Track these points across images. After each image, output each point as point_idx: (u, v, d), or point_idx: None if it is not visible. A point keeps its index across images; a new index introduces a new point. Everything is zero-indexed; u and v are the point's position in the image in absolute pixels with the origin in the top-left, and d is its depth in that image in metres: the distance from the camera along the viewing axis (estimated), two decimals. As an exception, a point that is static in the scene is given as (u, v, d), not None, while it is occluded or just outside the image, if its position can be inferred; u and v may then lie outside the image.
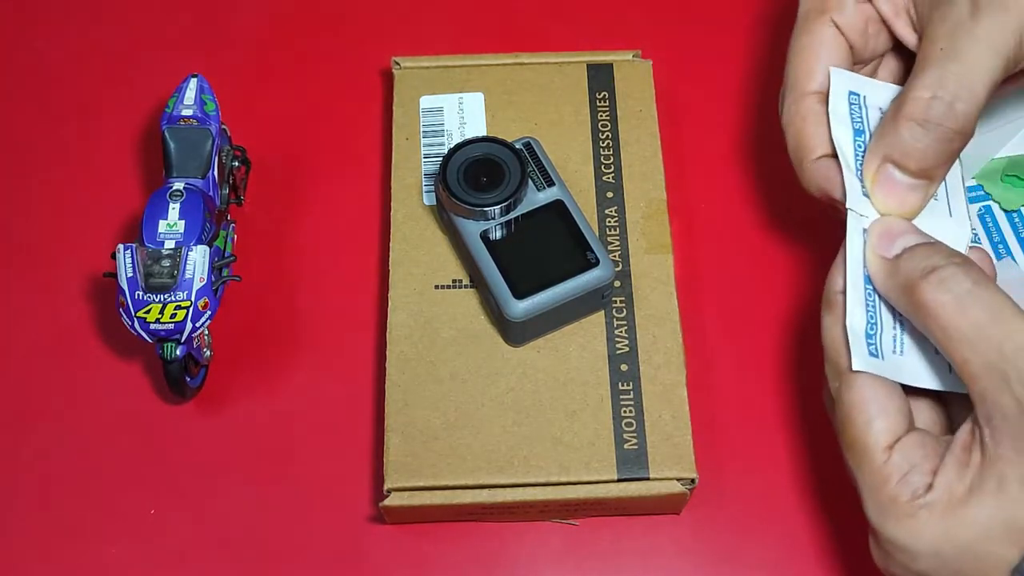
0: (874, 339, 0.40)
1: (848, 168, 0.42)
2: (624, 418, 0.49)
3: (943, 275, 0.37)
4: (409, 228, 0.54)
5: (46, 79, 0.63)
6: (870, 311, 0.40)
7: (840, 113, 0.43)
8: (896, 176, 0.41)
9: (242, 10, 0.65)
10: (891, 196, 0.41)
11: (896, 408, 0.38)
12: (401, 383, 0.50)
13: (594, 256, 0.49)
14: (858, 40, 0.45)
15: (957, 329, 0.36)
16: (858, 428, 0.38)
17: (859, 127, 0.43)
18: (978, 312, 0.36)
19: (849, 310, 0.40)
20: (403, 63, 0.58)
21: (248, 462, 0.52)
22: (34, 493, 0.52)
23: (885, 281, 0.39)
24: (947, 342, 0.36)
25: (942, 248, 0.39)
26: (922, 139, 0.40)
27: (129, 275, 0.48)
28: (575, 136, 0.56)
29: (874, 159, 0.41)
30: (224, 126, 0.56)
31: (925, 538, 0.36)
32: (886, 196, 0.41)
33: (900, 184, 0.41)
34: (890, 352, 0.40)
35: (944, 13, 0.40)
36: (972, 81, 0.39)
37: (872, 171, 0.41)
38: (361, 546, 0.51)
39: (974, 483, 0.36)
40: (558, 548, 0.51)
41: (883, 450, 0.38)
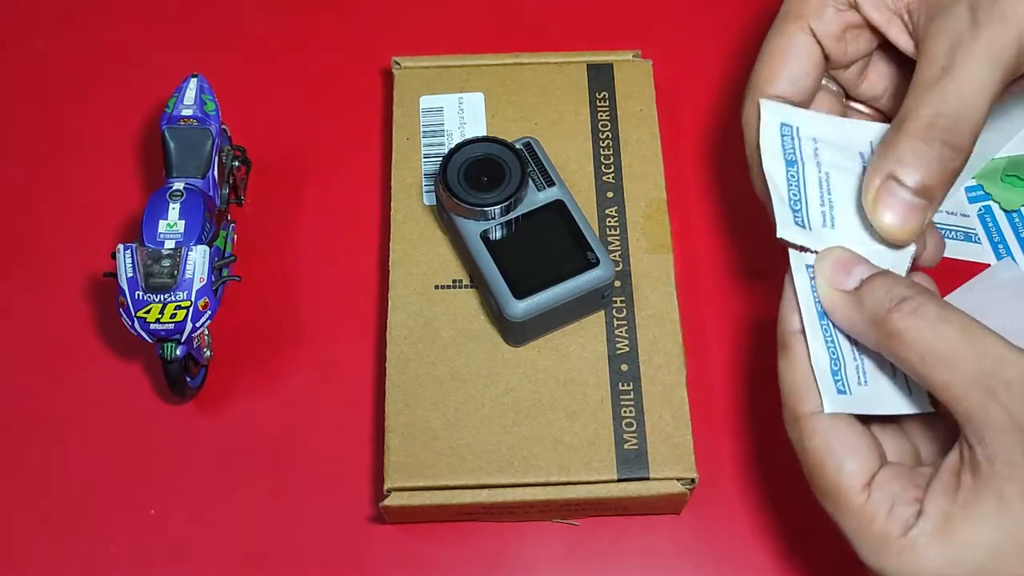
0: (839, 375, 0.39)
1: (780, 200, 0.42)
2: (624, 418, 0.49)
3: (912, 305, 0.36)
4: (409, 228, 0.54)
5: (46, 79, 0.63)
6: (830, 347, 0.40)
7: (771, 146, 0.43)
8: (899, 193, 0.40)
9: (242, 10, 0.65)
10: (893, 213, 0.40)
11: (864, 445, 0.38)
12: (401, 383, 0.50)
13: (594, 256, 0.49)
14: (834, 47, 0.45)
15: (933, 353, 0.35)
16: (829, 475, 0.37)
17: (791, 158, 0.43)
18: (952, 333, 0.35)
19: (812, 350, 0.39)
20: (403, 63, 0.58)
21: (248, 462, 0.52)
22: (34, 493, 0.52)
23: (849, 315, 0.39)
24: (925, 367, 0.36)
25: (898, 278, 0.39)
26: (925, 156, 0.39)
27: (129, 275, 0.48)
28: (575, 136, 0.56)
29: (876, 176, 0.40)
30: (224, 126, 0.56)
31: (930, 566, 0.35)
32: (888, 213, 0.40)
33: (902, 202, 0.40)
34: (856, 384, 0.39)
35: (942, 25, 0.40)
36: (974, 99, 0.39)
37: (875, 188, 0.40)
38: (361, 546, 0.51)
39: (969, 503, 0.35)
40: (558, 548, 0.51)
41: (860, 490, 0.37)
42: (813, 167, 0.43)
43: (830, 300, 0.40)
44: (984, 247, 0.57)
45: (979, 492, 0.35)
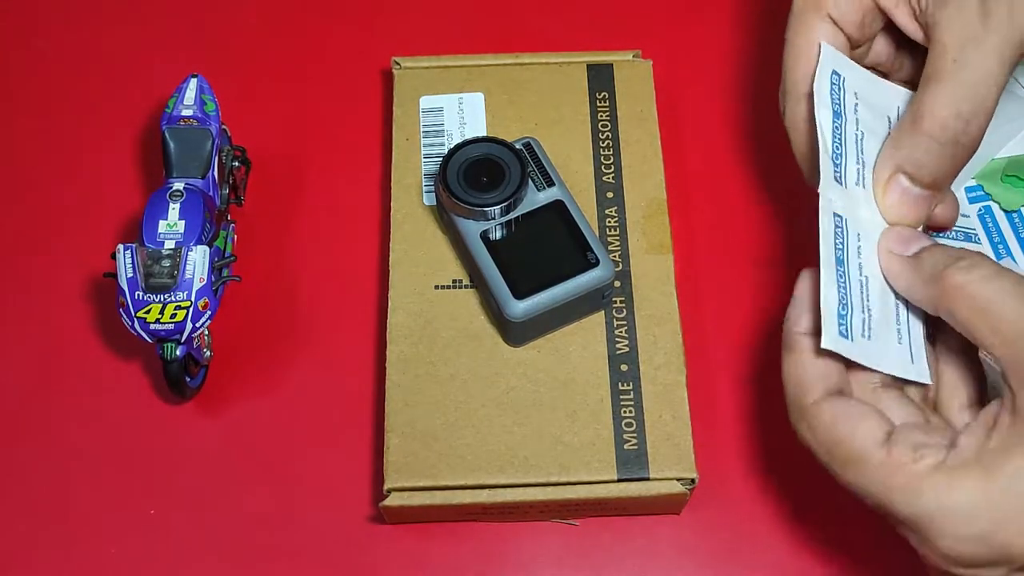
0: (845, 319, 0.40)
1: (824, 150, 0.42)
2: (624, 418, 0.49)
3: (971, 262, 0.38)
4: (409, 228, 0.54)
5: (46, 79, 0.63)
6: (842, 291, 0.40)
7: (823, 94, 0.43)
8: (906, 186, 0.42)
9: (242, 10, 0.65)
10: (901, 206, 0.42)
11: (872, 412, 0.38)
12: (401, 383, 0.50)
13: (594, 256, 0.49)
14: (855, 32, 0.45)
15: (988, 303, 0.37)
16: (844, 443, 0.38)
17: (837, 109, 0.43)
18: (1007, 286, 0.37)
19: (824, 290, 0.40)
20: (403, 63, 0.58)
21: (248, 462, 0.52)
22: (34, 493, 0.52)
23: (909, 276, 0.40)
24: (977, 317, 0.37)
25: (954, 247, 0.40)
26: (937, 154, 0.41)
27: (129, 275, 0.48)
28: (575, 136, 0.56)
29: (886, 169, 0.42)
30: (224, 126, 0.56)
31: (972, 493, 0.35)
32: (896, 205, 0.43)
33: (910, 194, 0.42)
34: (859, 334, 0.40)
35: (952, 16, 0.41)
36: (986, 96, 0.41)
37: (884, 179, 0.43)
38: (361, 546, 0.51)
39: (1007, 440, 0.35)
40: (558, 548, 0.51)
41: (881, 445, 0.37)
42: (853, 123, 0.43)
43: (890, 264, 0.41)
44: (984, 247, 0.57)
45: (1018, 429, 0.35)
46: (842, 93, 0.43)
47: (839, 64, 0.44)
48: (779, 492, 0.51)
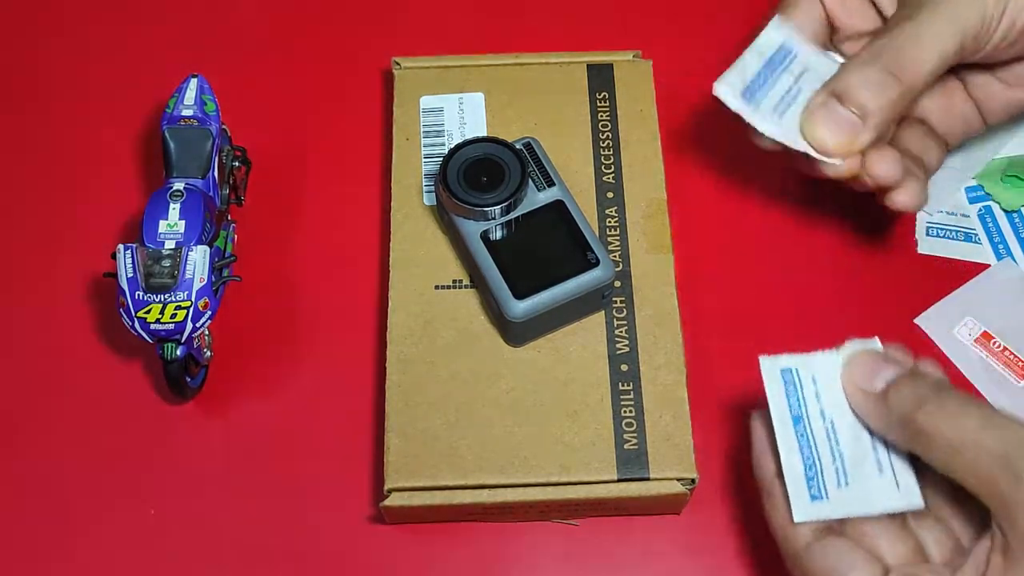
0: (815, 480, 0.40)
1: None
2: (624, 418, 0.49)
3: (936, 404, 0.38)
4: (409, 228, 0.54)
5: (46, 79, 0.63)
6: (805, 451, 0.41)
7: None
8: (837, 109, 0.44)
9: (242, 10, 0.65)
10: (826, 127, 0.44)
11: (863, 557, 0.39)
12: (401, 383, 0.50)
13: (594, 256, 0.49)
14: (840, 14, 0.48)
15: (960, 444, 0.37)
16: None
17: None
18: (973, 424, 0.37)
19: (784, 457, 0.40)
20: (403, 63, 0.58)
21: (248, 462, 0.52)
22: (34, 493, 0.52)
23: (879, 416, 0.40)
24: (952, 458, 0.37)
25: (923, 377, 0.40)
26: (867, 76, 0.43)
27: (129, 275, 0.48)
28: (575, 136, 0.56)
29: (820, 95, 0.45)
30: (224, 126, 0.56)
31: None
32: (821, 126, 0.45)
33: (839, 117, 0.44)
34: (835, 488, 0.40)
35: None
36: (927, 46, 0.43)
37: (815, 104, 0.45)
38: (361, 546, 0.51)
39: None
40: (558, 548, 0.51)
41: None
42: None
43: (858, 400, 0.41)
44: (984, 247, 0.57)
45: (1008, 572, 0.35)
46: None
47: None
48: (779, 492, 0.51)
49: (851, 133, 0.44)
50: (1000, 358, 0.53)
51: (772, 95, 0.47)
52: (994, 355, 0.53)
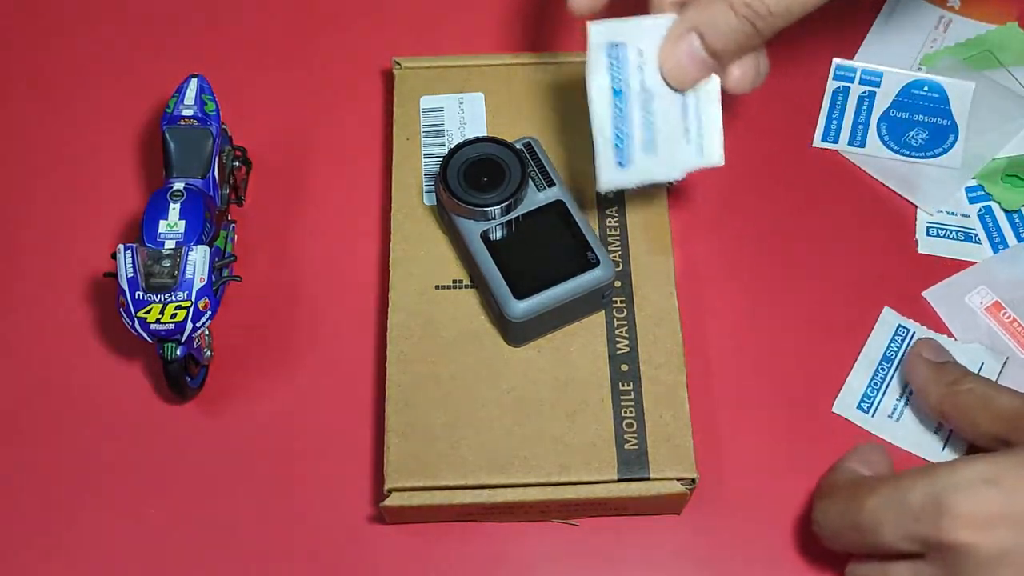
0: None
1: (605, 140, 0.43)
2: (624, 418, 0.49)
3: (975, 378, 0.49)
4: (409, 228, 0.54)
5: (46, 79, 0.63)
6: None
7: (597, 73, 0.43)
8: (696, 46, 0.44)
9: (242, 10, 0.65)
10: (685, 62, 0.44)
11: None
12: (401, 383, 0.50)
13: (594, 256, 0.49)
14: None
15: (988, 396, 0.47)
16: None
17: (617, 86, 0.43)
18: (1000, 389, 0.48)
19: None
20: (403, 63, 0.58)
21: (248, 462, 0.52)
22: (34, 493, 0.52)
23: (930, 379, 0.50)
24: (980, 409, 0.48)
25: None
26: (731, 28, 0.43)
27: (129, 275, 0.48)
28: (575, 136, 0.56)
29: (683, 24, 0.44)
30: (224, 126, 0.56)
31: None
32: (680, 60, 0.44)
33: (695, 56, 0.44)
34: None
35: None
36: None
37: (676, 34, 0.44)
38: (361, 546, 0.51)
39: None
40: (558, 548, 0.51)
41: None
42: (638, 90, 0.43)
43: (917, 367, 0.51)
44: (984, 247, 0.57)
45: None
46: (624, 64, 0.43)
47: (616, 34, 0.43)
48: (779, 492, 0.51)
49: (704, 73, 0.45)
50: (1008, 328, 0.54)
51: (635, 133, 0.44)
52: (1002, 324, 0.54)
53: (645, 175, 0.43)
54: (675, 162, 0.44)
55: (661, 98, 0.44)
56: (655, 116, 0.43)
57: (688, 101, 0.44)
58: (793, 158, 0.60)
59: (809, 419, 0.53)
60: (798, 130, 0.60)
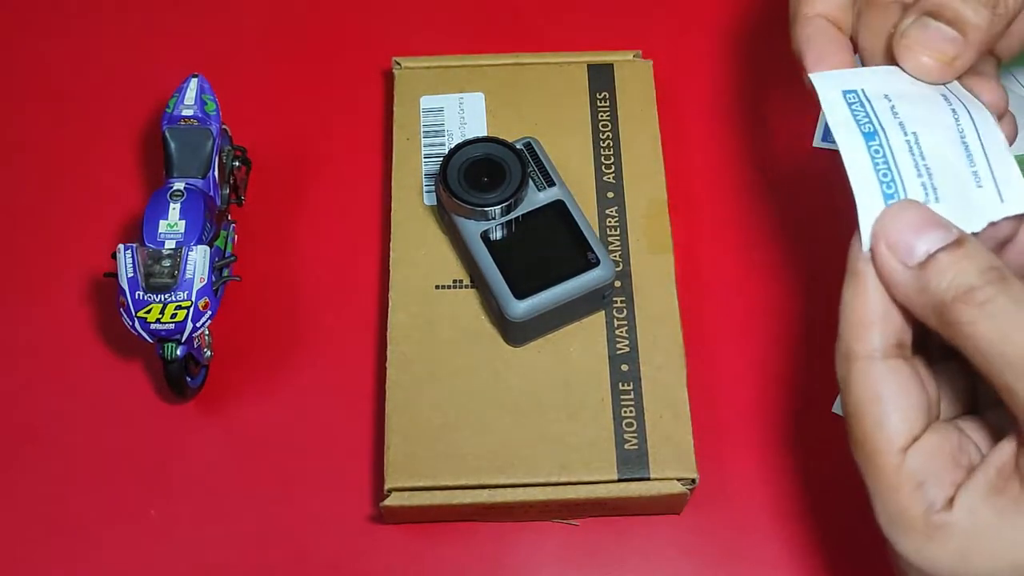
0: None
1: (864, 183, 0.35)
2: (624, 418, 0.49)
3: (980, 298, 0.32)
4: (409, 228, 0.54)
5: (46, 79, 0.63)
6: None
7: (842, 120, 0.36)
8: (931, 24, 0.38)
9: (242, 10, 0.65)
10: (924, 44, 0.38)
11: (914, 403, 0.34)
12: (401, 383, 0.50)
13: (595, 256, 0.49)
14: None
15: (1002, 356, 0.32)
16: (868, 425, 0.34)
17: (868, 129, 0.36)
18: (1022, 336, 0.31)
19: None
20: (403, 63, 0.58)
21: (248, 462, 0.52)
22: (34, 493, 0.52)
23: (909, 294, 0.34)
24: (989, 368, 0.32)
25: (972, 257, 0.33)
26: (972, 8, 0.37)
27: (129, 275, 0.48)
28: (576, 136, 0.56)
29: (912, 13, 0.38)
30: (225, 126, 0.56)
31: (941, 561, 0.33)
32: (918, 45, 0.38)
33: (936, 32, 0.38)
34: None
35: None
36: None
37: (907, 23, 0.38)
38: (361, 546, 0.51)
39: (1007, 513, 0.32)
40: (558, 548, 0.51)
41: (896, 452, 0.33)
42: (897, 131, 0.36)
43: (889, 271, 0.34)
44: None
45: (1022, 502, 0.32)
46: (868, 107, 0.36)
47: (846, 81, 0.37)
48: (779, 492, 0.51)
49: (953, 52, 0.38)
50: None
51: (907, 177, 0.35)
52: None
53: None
54: (970, 211, 0.34)
55: (930, 134, 0.36)
56: (929, 159, 0.35)
57: (968, 137, 0.36)
58: (793, 158, 0.60)
59: (809, 419, 0.53)
60: (798, 130, 0.60)
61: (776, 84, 0.62)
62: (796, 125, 0.60)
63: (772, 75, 0.62)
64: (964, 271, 0.33)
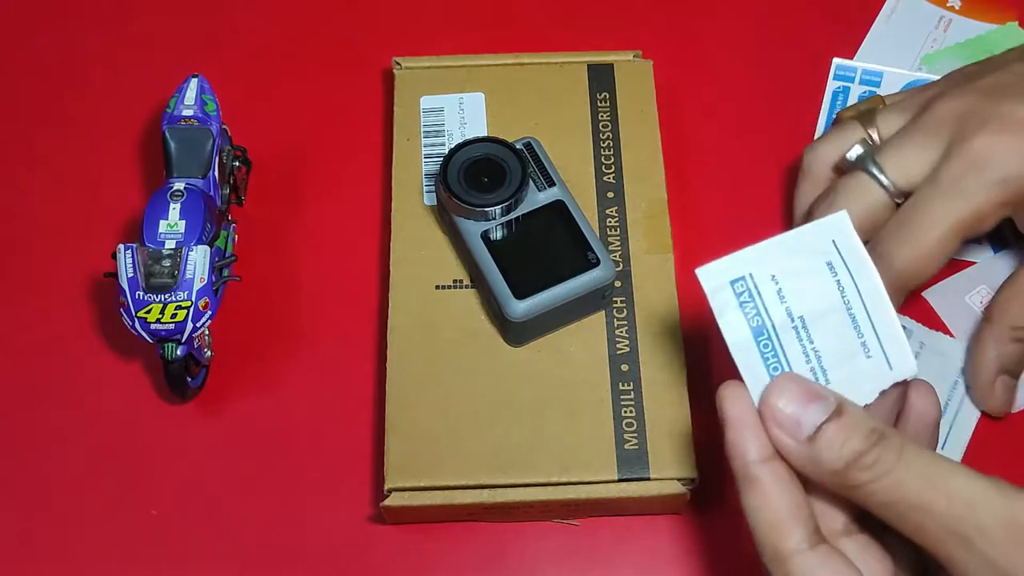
0: None
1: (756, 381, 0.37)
2: (624, 418, 0.49)
3: (868, 461, 0.35)
4: (409, 228, 0.54)
5: (46, 79, 0.63)
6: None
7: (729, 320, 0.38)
8: (1009, 383, 0.50)
9: (243, 10, 0.65)
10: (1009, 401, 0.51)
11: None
12: (401, 383, 0.50)
13: (595, 256, 0.49)
14: None
15: (902, 502, 0.34)
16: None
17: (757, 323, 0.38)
18: (916, 483, 0.34)
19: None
20: (403, 63, 0.58)
21: (248, 462, 0.52)
22: (34, 493, 0.52)
23: (808, 468, 0.36)
24: (894, 517, 0.35)
25: (855, 423, 0.36)
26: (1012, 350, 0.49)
27: (130, 275, 0.48)
28: (576, 136, 0.56)
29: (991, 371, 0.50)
30: (225, 126, 0.56)
31: None
32: (1006, 403, 0.51)
33: (1011, 388, 0.51)
34: None
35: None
36: None
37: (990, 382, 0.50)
38: (361, 546, 0.51)
39: None
40: (558, 548, 0.51)
41: None
42: (785, 321, 0.38)
43: (784, 448, 0.36)
44: (984, 246, 0.57)
45: None
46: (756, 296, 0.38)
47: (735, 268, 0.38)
48: (779, 492, 0.51)
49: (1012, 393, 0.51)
50: None
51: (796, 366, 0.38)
52: None
53: None
54: (859, 385, 0.37)
55: (817, 316, 0.37)
56: (817, 340, 0.37)
57: (854, 308, 0.37)
58: (793, 158, 0.60)
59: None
60: (798, 130, 0.60)
61: (776, 84, 0.62)
62: (796, 125, 0.60)
63: (772, 75, 0.62)
64: (849, 439, 0.35)
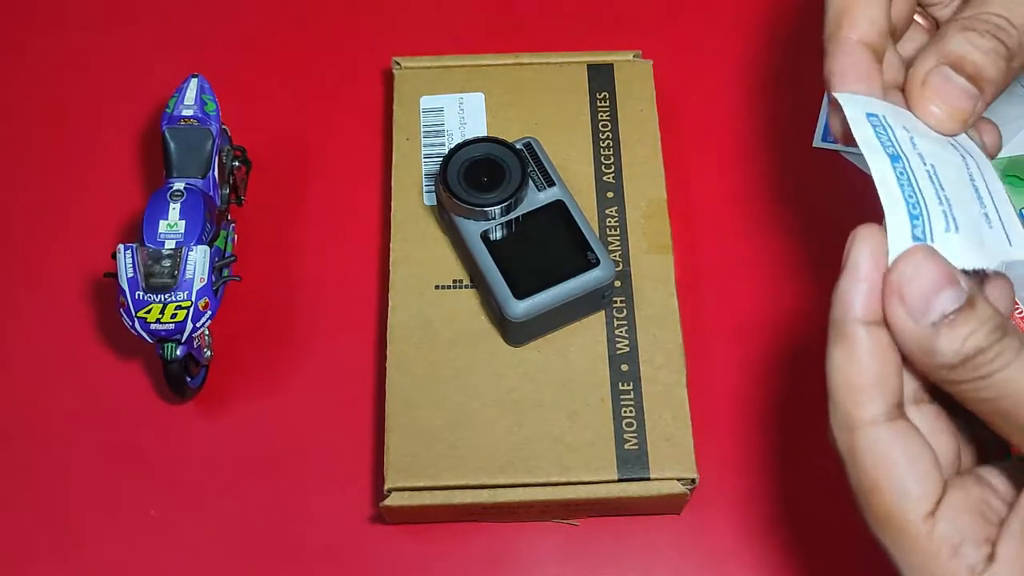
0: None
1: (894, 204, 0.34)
2: (624, 418, 0.49)
3: (986, 358, 0.32)
4: (409, 228, 0.54)
5: (47, 79, 0.63)
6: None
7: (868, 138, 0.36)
8: (952, 79, 0.38)
9: (242, 10, 0.65)
10: (942, 100, 0.38)
11: (929, 464, 0.33)
12: (401, 383, 0.50)
13: (594, 256, 0.49)
14: None
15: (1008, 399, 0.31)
16: (889, 500, 0.32)
17: (892, 152, 0.36)
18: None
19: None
20: (403, 63, 0.58)
21: (248, 462, 0.52)
22: (34, 493, 0.52)
23: (916, 354, 0.33)
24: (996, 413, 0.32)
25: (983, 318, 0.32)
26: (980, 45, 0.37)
27: (129, 275, 0.48)
28: (575, 136, 0.56)
29: (926, 62, 0.38)
30: (224, 126, 0.56)
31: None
32: (937, 100, 0.38)
33: (954, 88, 0.38)
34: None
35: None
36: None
37: (923, 72, 0.38)
38: (361, 546, 0.51)
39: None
40: (558, 548, 0.51)
41: (924, 520, 0.32)
42: (918, 160, 0.36)
43: (898, 322, 0.33)
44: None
45: None
46: (891, 133, 0.36)
47: (870, 105, 0.37)
48: (779, 492, 0.51)
49: (972, 108, 0.38)
50: (1020, 324, 0.54)
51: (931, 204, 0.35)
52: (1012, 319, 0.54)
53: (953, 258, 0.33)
54: (984, 247, 0.34)
55: (946, 170, 0.36)
56: (947, 190, 0.35)
57: (976, 182, 0.36)
58: (793, 158, 0.60)
59: (809, 419, 0.53)
60: (798, 130, 0.60)
61: (776, 84, 0.62)
62: (796, 125, 0.60)
63: (772, 75, 0.62)
64: (974, 334, 0.32)
